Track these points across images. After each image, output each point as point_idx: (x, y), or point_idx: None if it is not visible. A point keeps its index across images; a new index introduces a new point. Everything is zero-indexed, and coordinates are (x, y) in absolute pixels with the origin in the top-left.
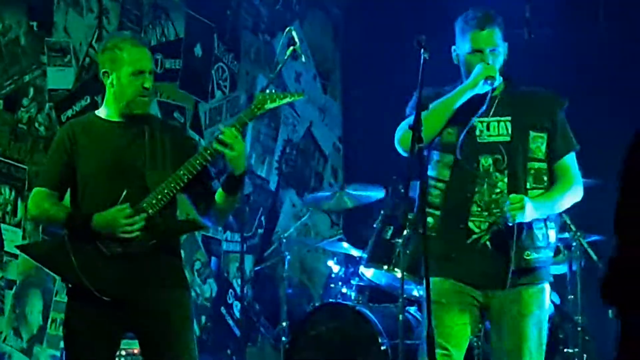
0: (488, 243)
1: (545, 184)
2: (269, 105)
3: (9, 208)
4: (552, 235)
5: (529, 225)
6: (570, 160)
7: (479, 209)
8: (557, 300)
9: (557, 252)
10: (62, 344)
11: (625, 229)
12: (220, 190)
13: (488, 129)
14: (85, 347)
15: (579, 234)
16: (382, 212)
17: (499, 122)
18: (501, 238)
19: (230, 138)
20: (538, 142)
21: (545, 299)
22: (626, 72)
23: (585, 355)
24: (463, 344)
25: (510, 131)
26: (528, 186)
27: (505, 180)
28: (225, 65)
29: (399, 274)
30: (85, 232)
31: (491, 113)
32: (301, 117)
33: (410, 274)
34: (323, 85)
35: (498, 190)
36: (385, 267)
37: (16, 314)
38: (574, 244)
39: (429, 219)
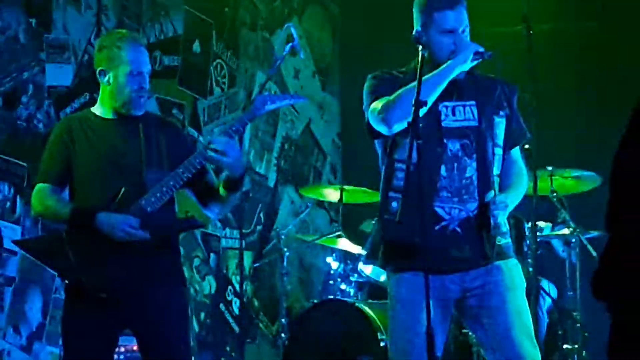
0: (458, 229)
1: (500, 170)
2: (269, 107)
3: (7, 205)
4: (506, 222)
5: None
6: (518, 150)
7: (449, 195)
8: (555, 294)
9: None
10: (61, 341)
11: (614, 223)
12: (219, 187)
13: (453, 113)
14: (83, 344)
15: (578, 230)
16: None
17: (464, 106)
18: (470, 224)
19: (223, 146)
20: (499, 128)
21: (521, 273)
22: (627, 66)
23: (584, 352)
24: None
25: (476, 116)
26: (496, 172)
27: (474, 165)
28: (223, 62)
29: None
30: (88, 227)
31: (454, 97)
32: (300, 114)
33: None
34: (322, 82)
35: (467, 175)
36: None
37: (15, 310)
38: (573, 240)
39: (393, 203)
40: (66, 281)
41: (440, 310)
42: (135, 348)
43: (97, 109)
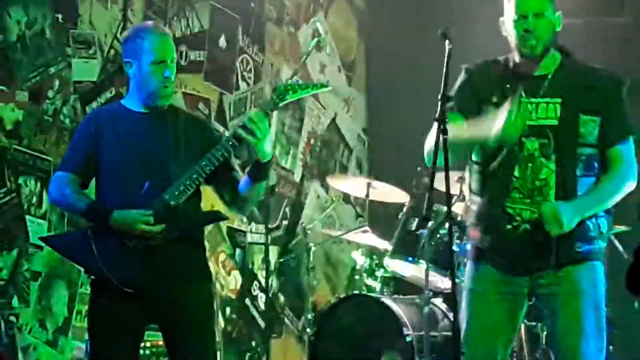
0: (531, 228)
1: (596, 170)
2: (291, 97)
3: (34, 200)
4: (604, 224)
5: None
6: (623, 148)
7: (521, 196)
8: None
9: None
10: (87, 336)
11: None
12: (245, 179)
13: (537, 110)
14: (109, 339)
15: None
16: (406, 203)
17: (547, 103)
18: (542, 226)
19: (255, 123)
20: (589, 127)
21: (598, 277)
22: None
23: (611, 347)
24: (505, 337)
25: (559, 114)
26: (578, 173)
27: (552, 166)
28: (249, 57)
29: (424, 266)
30: (104, 225)
31: (541, 93)
32: (325, 109)
33: (436, 265)
34: (347, 77)
35: (542, 177)
36: (410, 258)
37: (41, 305)
38: None
39: (473, 207)
40: (92, 276)
41: (507, 305)
42: (160, 343)
43: (127, 102)
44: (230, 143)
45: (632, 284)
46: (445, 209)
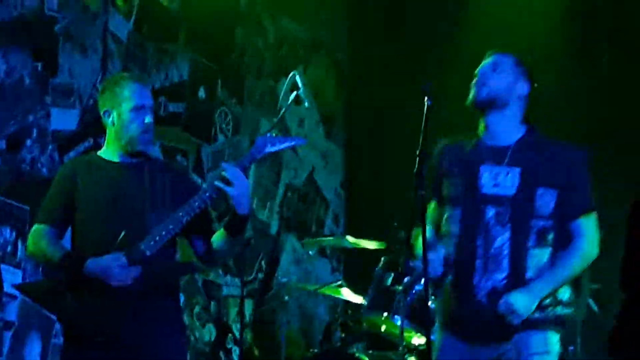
0: (484, 299)
1: (550, 242)
2: (269, 149)
3: (9, 248)
4: (564, 292)
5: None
6: (583, 221)
7: (480, 264)
8: None
9: None
10: None
11: (631, 285)
12: (221, 231)
13: (496, 180)
14: None
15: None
16: (382, 258)
17: (507, 173)
18: (497, 295)
19: (233, 176)
20: (546, 199)
21: (551, 344)
22: (632, 118)
23: None
24: None
25: (516, 184)
26: (530, 244)
27: (507, 235)
28: (228, 109)
29: (399, 322)
30: (79, 274)
31: (499, 163)
32: (303, 162)
33: (411, 321)
34: (326, 131)
35: (497, 245)
36: (385, 314)
37: (15, 355)
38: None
39: (448, 277)
40: (65, 325)
41: None
42: None
43: (103, 152)
44: (208, 194)
45: (613, 350)
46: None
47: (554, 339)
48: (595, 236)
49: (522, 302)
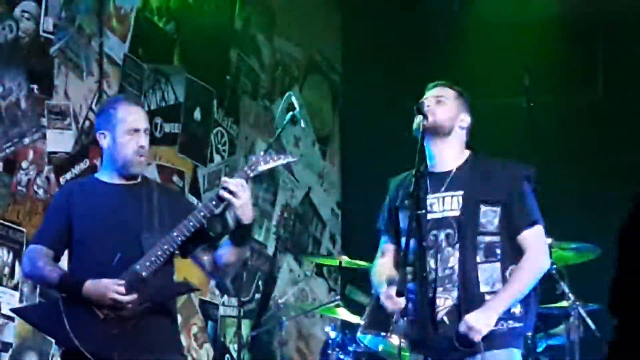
0: (445, 318)
1: (499, 256)
2: (263, 167)
3: (6, 270)
4: (515, 306)
5: (483, 299)
6: (529, 234)
7: (436, 285)
8: None
9: (555, 323)
10: None
11: (623, 309)
12: (227, 243)
13: (442, 203)
14: None
15: (577, 303)
16: None
17: (452, 196)
18: (457, 313)
19: (236, 187)
20: (489, 216)
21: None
22: (625, 140)
23: None
24: None
25: (460, 205)
26: (478, 260)
27: (457, 255)
28: (224, 130)
29: (396, 341)
30: (77, 296)
31: (443, 188)
32: (300, 182)
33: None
34: (322, 151)
35: (450, 265)
36: (383, 333)
37: None
38: (573, 313)
39: (410, 305)
40: (63, 348)
41: None
42: None
43: (100, 175)
44: (202, 214)
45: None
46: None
47: (517, 356)
48: (542, 248)
49: (480, 320)
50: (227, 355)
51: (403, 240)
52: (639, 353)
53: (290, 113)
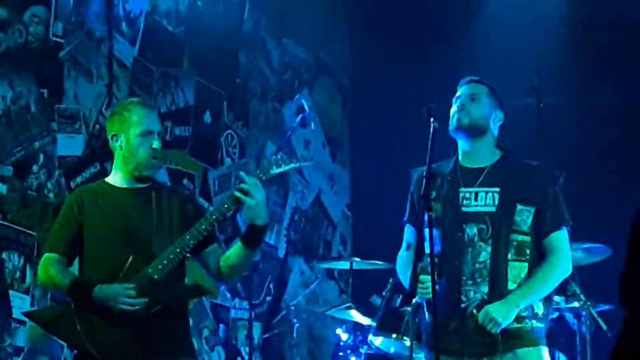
0: (474, 311)
1: (528, 257)
2: (274, 171)
3: (17, 274)
4: (538, 306)
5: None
6: (558, 237)
7: (465, 278)
8: None
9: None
10: None
11: (633, 302)
12: (238, 245)
13: (476, 198)
14: None
15: (588, 303)
16: (390, 280)
17: (487, 192)
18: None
19: (251, 186)
20: (524, 216)
21: (545, 357)
22: (635, 140)
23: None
24: None
25: (496, 202)
26: (509, 257)
27: (489, 249)
28: (234, 133)
29: (407, 343)
30: (87, 300)
31: (478, 183)
32: (310, 185)
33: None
34: (332, 153)
35: (482, 259)
36: (394, 335)
37: None
38: (584, 313)
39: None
40: (75, 351)
41: None
42: None
43: (110, 179)
44: (214, 217)
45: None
46: None
47: (547, 354)
48: (568, 252)
49: (500, 311)
50: (239, 358)
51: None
52: None
53: (300, 115)
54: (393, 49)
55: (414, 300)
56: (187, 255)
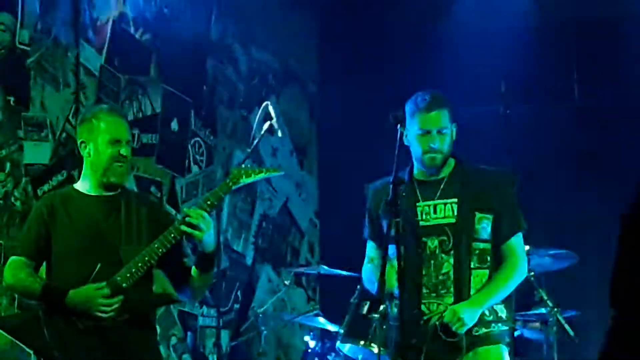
0: (437, 323)
1: (489, 263)
2: (245, 180)
3: None
4: (501, 310)
5: None
6: (515, 241)
7: (428, 291)
8: None
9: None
10: None
11: (622, 300)
12: (193, 269)
13: (435, 211)
14: None
15: (555, 309)
16: (358, 287)
17: (445, 204)
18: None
19: (196, 219)
20: (484, 224)
21: (505, 357)
22: (601, 147)
23: None
24: None
25: (455, 212)
26: (472, 266)
27: (451, 260)
28: (201, 140)
29: (375, 349)
30: (60, 305)
31: (437, 195)
32: (278, 192)
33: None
34: (299, 160)
35: (444, 271)
36: (362, 342)
37: None
38: (551, 319)
39: (394, 309)
40: (41, 359)
41: None
42: None
43: (79, 185)
44: (172, 236)
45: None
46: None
47: (505, 353)
48: (524, 256)
49: (466, 311)
50: None
51: (390, 246)
52: (636, 343)
53: (268, 123)
54: (361, 56)
55: (381, 307)
56: (155, 263)
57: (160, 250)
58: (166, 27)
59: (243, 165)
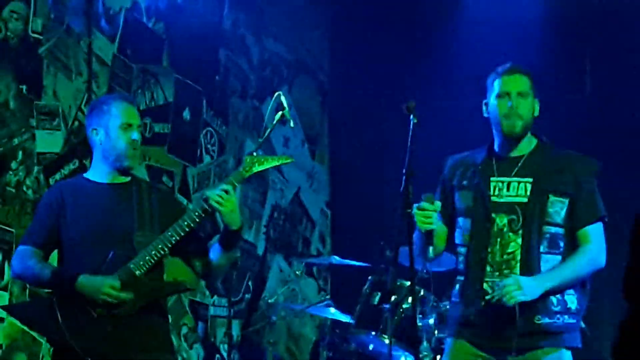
0: (496, 302)
1: (561, 249)
2: (257, 168)
3: None
4: (572, 301)
5: None
6: (592, 229)
7: (491, 269)
8: None
9: None
10: None
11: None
12: (216, 246)
13: (508, 188)
14: None
15: None
16: (370, 277)
17: (519, 182)
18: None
19: (218, 198)
20: (557, 207)
21: None
22: (614, 137)
23: None
24: None
25: (528, 192)
26: (542, 250)
27: (519, 241)
28: (213, 130)
29: (386, 340)
30: (70, 291)
31: (513, 173)
32: (289, 182)
33: (399, 340)
34: (311, 150)
35: (510, 250)
36: (373, 332)
37: None
38: None
39: (456, 286)
40: (53, 347)
41: None
42: None
43: (90, 174)
44: (197, 214)
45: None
46: (408, 283)
47: (569, 357)
48: (602, 244)
49: (528, 283)
50: (217, 356)
51: (460, 219)
52: None
53: (279, 113)
54: (372, 46)
55: (393, 298)
56: (168, 252)
57: (174, 238)
58: (179, 16)
59: (255, 153)
